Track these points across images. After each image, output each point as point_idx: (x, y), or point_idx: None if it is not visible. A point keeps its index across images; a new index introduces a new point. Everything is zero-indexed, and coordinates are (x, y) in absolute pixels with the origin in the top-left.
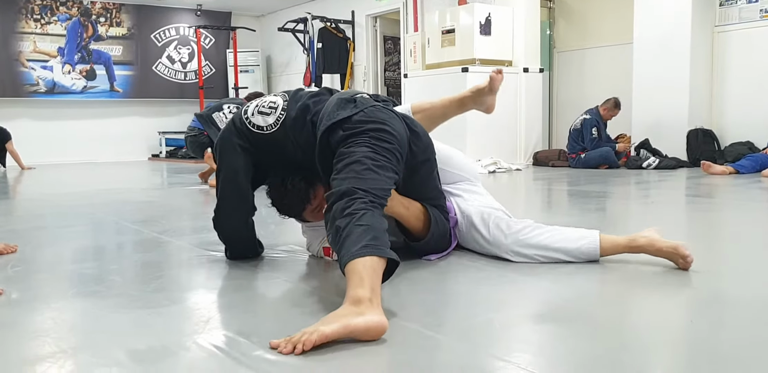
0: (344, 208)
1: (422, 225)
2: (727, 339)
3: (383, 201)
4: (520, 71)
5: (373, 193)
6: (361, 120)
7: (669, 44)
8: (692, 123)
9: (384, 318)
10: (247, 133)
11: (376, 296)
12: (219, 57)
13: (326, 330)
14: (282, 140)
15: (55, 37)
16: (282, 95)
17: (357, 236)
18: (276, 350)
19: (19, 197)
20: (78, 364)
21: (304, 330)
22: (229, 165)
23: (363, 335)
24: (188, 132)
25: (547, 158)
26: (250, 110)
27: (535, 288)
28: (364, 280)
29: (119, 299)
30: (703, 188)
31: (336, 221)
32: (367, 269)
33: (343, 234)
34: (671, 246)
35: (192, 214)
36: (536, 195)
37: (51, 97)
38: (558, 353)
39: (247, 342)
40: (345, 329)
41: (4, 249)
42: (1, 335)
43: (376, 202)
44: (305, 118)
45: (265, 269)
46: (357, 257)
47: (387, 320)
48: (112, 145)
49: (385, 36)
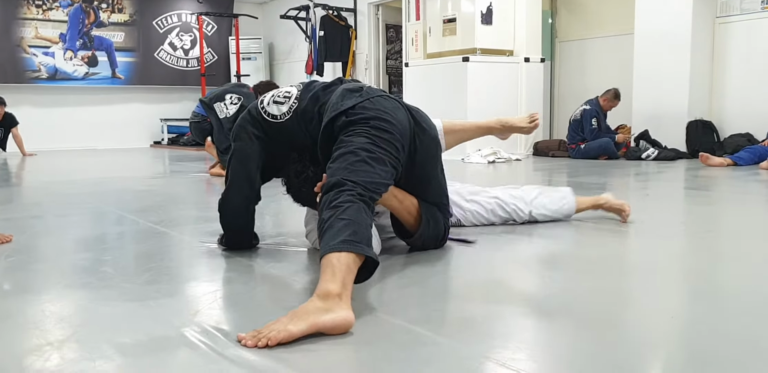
0: (331, 200)
1: (414, 221)
2: (720, 333)
3: (373, 195)
4: (521, 61)
5: (362, 185)
6: (365, 107)
7: (670, 35)
8: (692, 114)
9: (351, 314)
10: (262, 122)
11: (347, 291)
12: (221, 44)
13: (293, 329)
14: (295, 129)
15: (57, 23)
16: (297, 86)
17: (337, 229)
18: (241, 343)
19: (18, 185)
20: (63, 357)
21: (272, 326)
22: (242, 150)
23: (330, 331)
24: (192, 118)
25: (547, 148)
26: (266, 100)
27: (521, 281)
28: (336, 275)
29: (110, 291)
30: (701, 180)
31: (322, 213)
32: (342, 264)
33: (325, 226)
34: (619, 204)
35: (190, 204)
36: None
37: (53, 84)
38: (541, 349)
39: (235, 337)
40: (312, 328)
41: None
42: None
43: (365, 195)
44: (314, 108)
45: (258, 261)
46: (333, 251)
47: (353, 316)
48: (114, 132)
49: (387, 24)
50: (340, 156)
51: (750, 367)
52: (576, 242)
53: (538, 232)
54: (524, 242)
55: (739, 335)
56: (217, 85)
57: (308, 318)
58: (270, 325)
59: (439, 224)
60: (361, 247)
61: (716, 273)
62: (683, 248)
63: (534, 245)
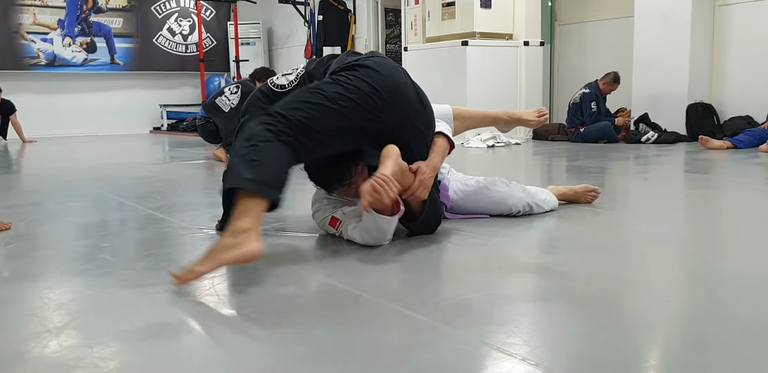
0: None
1: (419, 204)
2: (716, 315)
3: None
4: (520, 45)
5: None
6: (364, 57)
7: (670, 18)
8: (692, 97)
9: (259, 244)
10: (271, 95)
11: (257, 224)
12: (220, 29)
13: (201, 269)
14: None
15: (55, 10)
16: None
17: (248, 165)
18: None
19: (18, 172)
20: (62, 344)
21: (187, 267)
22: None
23: (239, 263)
24: (198, 121)
25: (546, 132)
26: (276, 76)
27: (517, 265)
28: (248, 212)
29: (108, 278)
30: (700, 163)
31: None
32: (251, 202)
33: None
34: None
35: (189, 190)
36: (534, 171)
37: (51, 70)
38: (536, 333)
39: (233, 323)
40: (218, 265)
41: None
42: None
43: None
44: (320, 71)
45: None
46: (244, 188)
47: (261, 246)
48: (114, 118)
49: (386, 8)
50: (296, 94)
51: (745, 349)
52: (572, 226)
53: (535, 217)
54: (521, 227)
55: (736, 317)
56: (216, 71)
57: (214, 257)
58: (185, 268)
59: (437, 202)
60: (267, 190)
61: (714, 256)
62: (681, 232)
63: (531, 229)
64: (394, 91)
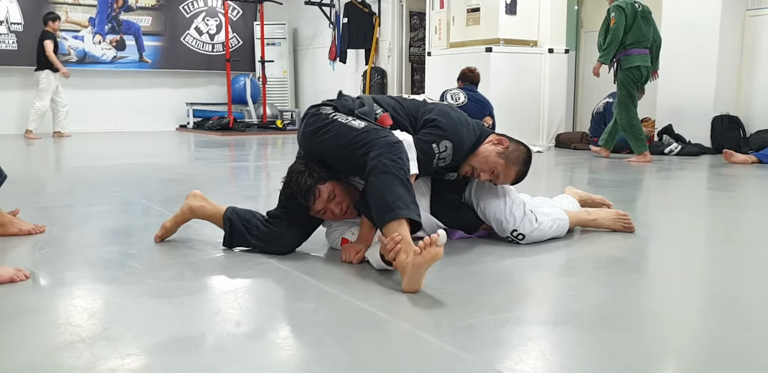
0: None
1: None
2: (739, 349)
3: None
4: (545, 52)
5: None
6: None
7: (698, 27)
8: (718, 109)
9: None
10: None
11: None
12: (246, 29)
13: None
14: None
15: (87, 8)
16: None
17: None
18: None
19: (51, 171)
20: (94, 355)
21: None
22: None
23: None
24: None
25: (569, 140)
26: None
27: (530, 287)
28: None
29: (136, 287)
30: (723, 179)
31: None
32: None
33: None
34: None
35: (213, 195)
36: (555, 181)
37: (82, 67)
38: (544, 359)
39: (253, 336)
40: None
41: (33, 230)
42: (24, 322)
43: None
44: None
45: (275, 259)
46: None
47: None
48: (141, 115)
49: (411, 11)
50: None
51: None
52: (588, 246)
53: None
54: (536, 247)
55: (750, 350)
56: (242, 71)
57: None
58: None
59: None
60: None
61: (732, 283)
62: (700, 255)
63: (545, 249)
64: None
